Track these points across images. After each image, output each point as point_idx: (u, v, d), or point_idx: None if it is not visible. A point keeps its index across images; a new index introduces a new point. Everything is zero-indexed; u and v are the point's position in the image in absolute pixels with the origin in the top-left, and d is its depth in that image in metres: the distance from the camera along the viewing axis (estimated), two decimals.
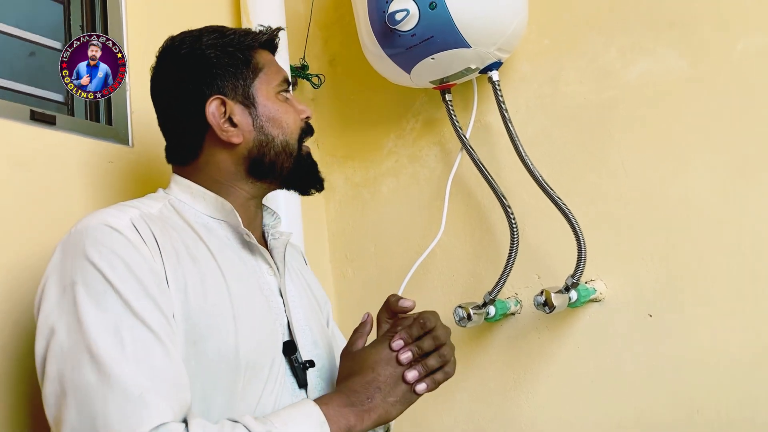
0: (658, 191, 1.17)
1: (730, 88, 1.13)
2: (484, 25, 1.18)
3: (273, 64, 0.98)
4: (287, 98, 0.98)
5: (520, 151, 1.24)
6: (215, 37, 0.94)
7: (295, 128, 0.96)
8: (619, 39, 1.24)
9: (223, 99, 0.92)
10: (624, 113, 1.22)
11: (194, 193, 0.93)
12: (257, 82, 0.94)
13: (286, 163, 0.96)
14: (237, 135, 0.92)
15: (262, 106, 0.94)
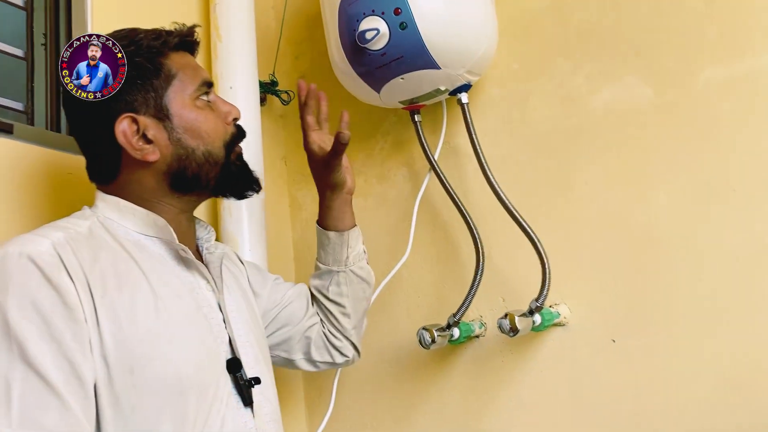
0: (622, 217, 1.18)
1: (693, 117, 1.15)
2: (454, 47, 1.19)
3: (188, 68, 0.93)
4: (208, 102, 0.94)
5: (488, 174, 1.24)
6: (123, 46, 0.88)
7: (217, 136, 0.92)
8: (587, 66, 1.25)
9: (133, 116, 0.87)
10: (590, 139, 1.23)
11: (122, 210, 0.88)
12: (170, 91, 0.89)
13: (211, 173, 0.92)
14: (153, 152, 0.88)
15: (177, 117, 0.89)
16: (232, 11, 1.38)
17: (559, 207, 1.25)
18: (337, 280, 1.14)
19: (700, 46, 1.16)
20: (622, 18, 1.23)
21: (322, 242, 1.15)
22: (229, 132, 0.95)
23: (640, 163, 1.18)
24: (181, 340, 0.82)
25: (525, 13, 1.32)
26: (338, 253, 1.13)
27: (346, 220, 1.14)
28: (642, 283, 1.16)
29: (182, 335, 0.82)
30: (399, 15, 1.14)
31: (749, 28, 1.12)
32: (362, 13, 1.17)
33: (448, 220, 1.36)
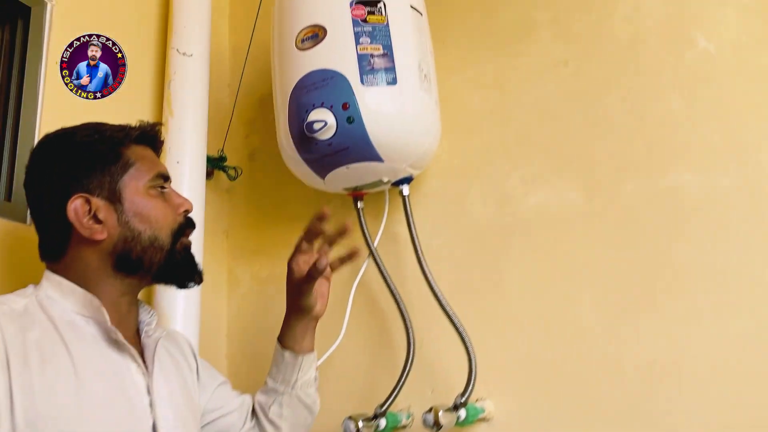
0: (549, 317, 1.22)
1: (619, 227, 1.21)
2: (398, 143, 1.24)
3: (146, 159, 0.98)
4: (162, 193, 0.98)
5: (423, 264, 1.27)
6: (88, 134, 0.96)
7: (165, 223, 0.96)
8: (523, 168, 1.32)
9: (86, 197, 0.92)
10: (522, 238, 1.28)
11: (64, 290, 0.91)
12: (126, 178, 0.95)
13: (155, 258, 0.95)
14: (101, 231, 0.92)
15: (128, 202, 0.94)
16: (187, 89, 1.41)
17: (490, 302, 1.28)
18: (281, 401, 1.12)
19: (628, 160, 1.23)
20: (558, 126, 1.31)
21: (276, 359, 1.14)
22: (178, 221, 0.99)
23: (567, 266, 1.23)
24: (97, 421, 0.83)
25: (468, 114, 1.39)
26: (288, 374, 1.12)
27: (305, 343, 1.13)
28: (565, 383, 1.19)
29: (98, 416, 0.83)
30: (347, 110, 1.19)
31: (674, 147, 1.20)
32: (312, 105, 1.21)
33: (384, 307, 1.38)
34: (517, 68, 1.37)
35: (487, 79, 1.40)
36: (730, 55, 1.19)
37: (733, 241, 1.12)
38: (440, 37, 1.42)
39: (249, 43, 1.55)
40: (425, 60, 1.29)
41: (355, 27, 1.22)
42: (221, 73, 1.68)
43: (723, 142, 1.16)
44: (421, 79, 1.25)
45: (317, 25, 1.24)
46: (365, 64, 1.21)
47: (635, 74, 1.26)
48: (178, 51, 1.44)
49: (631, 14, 1.29)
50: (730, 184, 1.14)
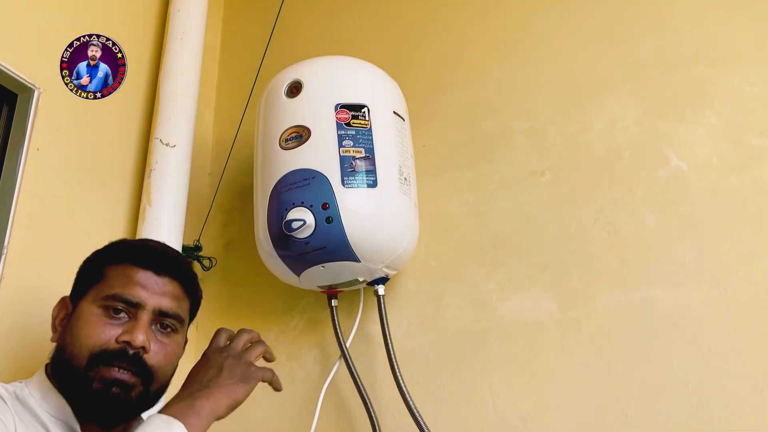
0: (522, 430, 1.20)
1: (592, 338, 1.21)
2: (375, 244, 1.24)
3: (123, 277, 0.90)
4: (113, 316, 0.88)
5: (395, 368, 1.25)
6: (104, 249, 0.98)
7: (88, 344, 0.86)
8: (498, 274, 1.32)
9: (66, 301, 0.95)
10: (496, 345, 1.28)
11: (44, 392, 0.90)
12: (93, 289, 0.90)
13: (68, 381, 0.87)
14: (55, 335, 0.93)
15: (76, 312, 0.90)
16: (167, 179, 1.41)
17: (462, 411, 1.26)
18: None
19: (602, 271, 1.24)
20: (534, 234, 1.32)
21: None
22: (103, 347, 0.86)
23: (541, 376, 1.22)
24: None
25: (445, 217, 1.41)
26: None
27: None
28: None
29: None
30: (326, 210, 1.20)
31: (647, 262, 1.22)
32: (292, 203, 1.22)
33: (354, 410, 1.35)
34: (494, 174, 1.40)
35: (465, 184, 1.42)
36: (702, 173, 1.23)
37: (705, 360, 1.12)
38: (420, 140, 1.45)
39: (235, 134, 1.57)
40: (406, 163, 1.31)
41: (338, 130, 1.25)
42: (203, 163, 1.69)
43: (694, 260, 1.18)
44: (401, 182, 1.27)
45: (302, 126, 1.26)
46: (347, 166, 1.22)
47: (609, 188, 1.29)
48: (161, 141, 1.45)
49: (607, 129, 1.33)
50: (702, 302, 1.15)
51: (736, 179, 1.21)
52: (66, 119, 1.32)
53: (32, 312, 1.16)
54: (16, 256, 1.18)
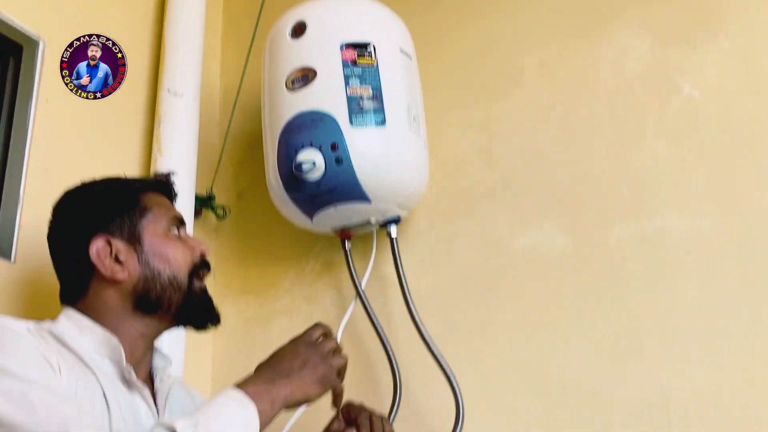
0: (536, 362, 1.22)
1: (606, 270, 1.21)
2: (386, 184, 1.24)
3: (163, 206, 1.02)
4: (179, 236, 1.02)
5: (410, 306, 1.27)
6: (106, 184, 1.01)
7: (184, 263, 0.98)
8: (510, 211, 1.32)
9: (108, 238, 0.96)
10: (510, 281, 1.28)
11: (83, 328, 0.93)
12: (144, 222, 0.98)
13: (174, 297, 0.97)
14: (122, 271, 0.95)
15: (148, 244, 0.97)
16: (176, 128, 1.42)
17: (478, 344, 1.28)
18: None
19: (615, 203, 1.24)
20: (545, 169, 1.32)
21: None
22: (194, 262, 1.01)
23: (555, 311, 1.23)
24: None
25: (456, 156, 1.40)
26: None
27: None
28: (553, 425, 1.18)
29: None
30: (335, 150, 1.20)
31: (660, 191, 1.21)
32: (301, 144, 1.22)
33: (371, 348, 1.37)
34: (504, 111, 1.39)
35: (475, 122, 1.41)
36: (714, 101, 1.21)
37: (718, 284, 1.12)
38: (429, 80, 1.44)
39: (240, 82, 1.57)
40: (414, 102, 1.30)
41: (344, 69, 1.24)
42: (211, 114, 1.69)
43: (708, 187, 1.18)
44: (410, 121, 1.27)
45: (307, 68, 1.26)
46: (354, 106, 1.22)
47: (621, 119, 1.28)
48: (168, 91, 1.45)
49: (617, 60, 1.31)
50: (715, 228, 1.15)
51: (750, 104, 1.19)
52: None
53: None
54: (32, 206, 1.20)
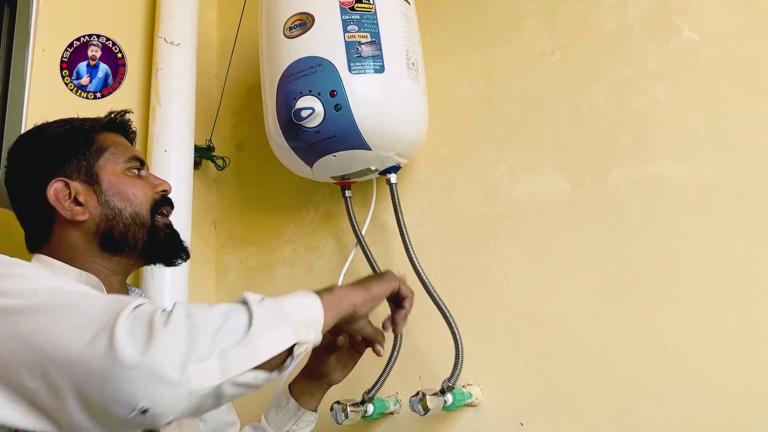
0: (535, 304, 1.23)
1: (605, 214, 1.22)
2: (386, 131, 1.24)
3: (120, 145, 1.03)
4: (140, 175, 1.02)
5: (411, 253, 1.28)
6: (59, 125, 1.01)
7: (144, 200, 1.00)
8: (510, 157, 1.32)
9: (65, 181, 0.96)
10: (509, 227, 1.29)
11: (56, 270, 0.93)
12: (102, 161, 0.99)
13: (138, 234, 0.99)
14: (82, 213, 0.95)
15: (106, 182, 0.98)
16: (174, 77, 1.41)
17: (478, 289, 1.29)
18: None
19: (613, 148, 1.24)
20: (545, 115, 1.31)
21: (279, 402, 1.16)
22: (155, 198, 1.02)
23: (554, 254, 1.24)
24: None
25: (456, 103, 1.40)
26: (284, 422, 1.14)
27: (311, 402, 1.15)
28: (550, 369, 1.20)
29: None
30: (334, 97, 1.19)
31: (659, 135, 1.21)
32: (299, 92, 1.21)
33: None
34: (504, 58, 1.38)
35: (474, 69, 1.40)
36: (715, 44, 1.20)
37: (716, 227, 1.13)
38: (428, 26, 1.43)
39: (236, 31, 1.55)
40: (413, 48, 1.29)
41: (342, 15, 1.23)
42: (209, 64, 1.69)
43: (707, 130, 1.17)
44: (408, 67, 1.26)
45: (305, 13, 1.24)
46: (353, 52, 1.21)
47: (621, 64, 1.27)
48: (165, 40, 1.44)
49: (617, 4, 1.30)
50: (714, 172, 1.15)
51: (750, 47, 1.18)
52: (67, 19, 1.31)
53: None
54: None
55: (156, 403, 0.66)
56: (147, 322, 0.68)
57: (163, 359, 0.66)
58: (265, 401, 1.22)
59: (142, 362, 0.65)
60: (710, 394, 1.08)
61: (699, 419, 1.08)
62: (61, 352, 0.68)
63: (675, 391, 1.11)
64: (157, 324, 0.68)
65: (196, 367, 0.67)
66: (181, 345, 0.67)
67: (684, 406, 1.10)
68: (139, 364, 0.65)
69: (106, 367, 0.66)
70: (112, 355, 0.65)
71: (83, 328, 0.68)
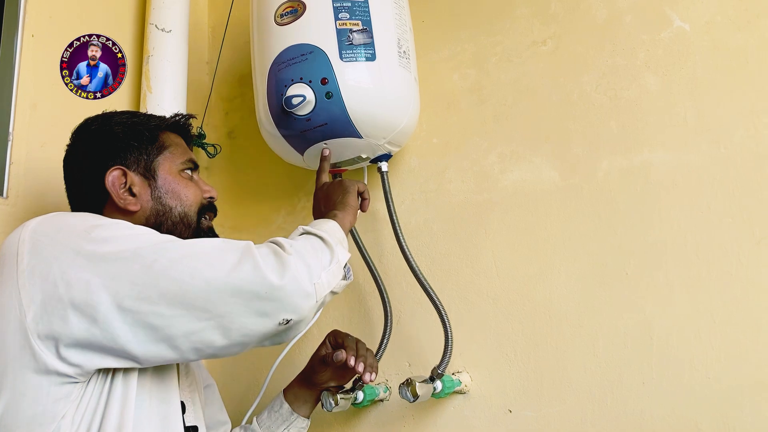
0: (524, 292, 1.24)
1: (594, 203, 1.22)
2: (377, 119, 1.24)
3: (179, 146, 1.07)
4: (192, 177, 1.06)
5: (401, 240, 1.28)
6: (126, 117, 1.04)
7: (194, 202, 1.04)
8: (500, 146, 1.33)
9: (123, 170, 0.99)
10: (499, 215, 1.30)
11: None
12: (160, 158, 1.02)
13: (184, 233, 1.01)
14: (134, 203, 0.98)
15: (162, 179, 1.01)
16: (166, 65, 1.41)
17: (467, 277, 1.30)
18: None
19: (603, 137, 1.24)
20: (535, 105, 1.32)
21: (273, 405, 1.20)
22: (203, 203, 1.06)
23: (543, 242, 1.25)
24: None
25: (447, 92, 1.40)
26: (276, 425, 1.18)
27: (304, 409, 1.20)
28: (539, 356, 1.21)
29: None
30: (325, 85, 1.19)
31: (646, 125, 1.22)
32: (290, 80, 1.21)
33: (362, 282, 1.39)
34: (495, 47, 1.38)
35: (465, 58, 1.40)
36: (705, 34, 1.20)
37: (704, 217, 1.14)
38: (420, 15, 1.42)
39: (227, 18, 1.55)
40: (404, 37, 1.29)
41: (334, 2, 1.22)
42: (200, 51, 1.68)
43: (696, 121, 1.18)
44: (400, 56, 1.26)
45: (296, 0, 1.24)
46: (344, 40, 1.21)
47: (611, 53, 1.27)
48: (156, 27, 1.43)
49: None
50: (702, 162, 1.16)
51: (740, 37, 1.18)
52: (58, 4, 1.30)
53: (44, 192, 1.19)
54: (22, 142, 1.20)
55: (298, 312, 0.85)
56: (273, 253, 0.86)
57: (299, 278, 0.84)
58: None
59: (285, 283, 0.83)
60: (698, 381, 1.09)
61: (686, 406, 1.09)
62: (202, 281, 0.81)
63: (663, 379, 1.12)
64: (281, 254, 0.85)
65: (319, 281, 0.87)
66: (304, 267, 0.86)
67: (671, 394, 1.11)
68: (283, 285, 0.83)
69: (256, 288, 0.81)
70: (259, 278, 0.82)
71: (216, 260, 0.83)
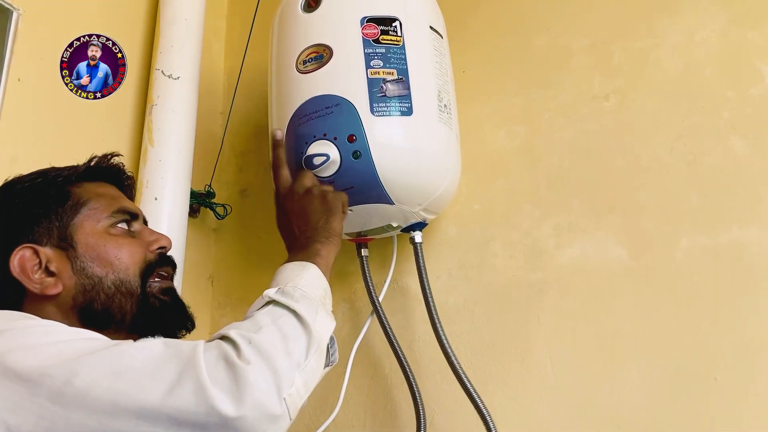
0: (587, 397, 1.05)
1: (672, 287, 1.04)
2: (411, 183, 1.07)
3: (104, 196, 0.87)
4: (129, 231, 0.87)
5: (437, 324, 1.10)
6: (31, 178, 0.85)
7: (132, 262, 0.83)
8: (556, 216, 1.15)
9: (32, 247, 0.80)
10: (555, 299, 1.11)
11: None
12: (78, 219, 0.83)
13: (125, 305, 0.82)
14: (53, 285, 0.79)
15: (82, 245, 0.82)
16: (171, 115, 1.26)
17: (515, 374, 1.11)
18: None
19: (681, 210, 1.07)
20: (597, 169, 1.15)
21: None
22: (147, 260, 0.85)
23: (610, 334, 1.06)
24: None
25: (492, 152, 1.24)
26: None
27: None
28: None
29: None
30: (353, 142, 1.02)
31: (734, 196, 1.04)
32: (313, 136, 1.05)
33: (389, 372, 1.21)
34: (549, 101, 1.22)
35: (514, 113, 1.24)
36: None
37: None
38: (462, 63, 1.27)
39: (242, 62, 1.40)
40: (445, 88, 1.13)
41: (365, 48, 1.06)
42: (213, 100, 1.53)
43: None
44: (440, 110, 1.09)
45: (322, 45, 1.08)
46: (376, 91, 1.05)
47: (689, 112, 1.10)
48: (163, 73, 1.28)
49: (684, 43, 1.13)
50: None
51: None
52: (50, 45, 1.15)
53: None
54: None
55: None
56: (224, 360, 0.67)
57: (263, 399, 0.66)
58: None
59: (244, 412, 0.65)
60: None
61: None
62: (127, 412, 0.64)
63: None
64: (235, 363, 0.67)
65: (289, 393, 0.69)
66: (270, 377, 0.68)
67: None
68: (240, 415, 0.65)
69: (201, 421, 0.64)
70: (205, 407, 0.64)
71: (148, 378, 0.66)
